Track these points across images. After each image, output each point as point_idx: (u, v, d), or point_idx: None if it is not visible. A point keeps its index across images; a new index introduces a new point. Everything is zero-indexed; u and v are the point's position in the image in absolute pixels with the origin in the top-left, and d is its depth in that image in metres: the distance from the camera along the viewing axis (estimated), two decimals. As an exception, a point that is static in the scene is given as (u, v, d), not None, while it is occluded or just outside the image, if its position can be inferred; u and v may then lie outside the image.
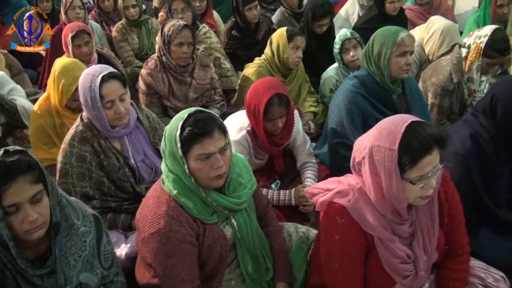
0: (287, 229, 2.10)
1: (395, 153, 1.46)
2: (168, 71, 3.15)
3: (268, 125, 2.39)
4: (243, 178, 1.84)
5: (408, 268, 1.65)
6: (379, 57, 2.54)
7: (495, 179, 2.17)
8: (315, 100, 3.55)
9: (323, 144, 2.82)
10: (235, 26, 4.18)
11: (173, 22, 3.08)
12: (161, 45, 3.09)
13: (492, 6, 4.08)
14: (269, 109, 2.34)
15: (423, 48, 3.64)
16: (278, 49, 3.22)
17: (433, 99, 2.98)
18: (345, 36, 3.31)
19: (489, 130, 2.13)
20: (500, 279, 1.84)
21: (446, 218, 1.72)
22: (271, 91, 2.34)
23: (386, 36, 2.53)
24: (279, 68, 3.29)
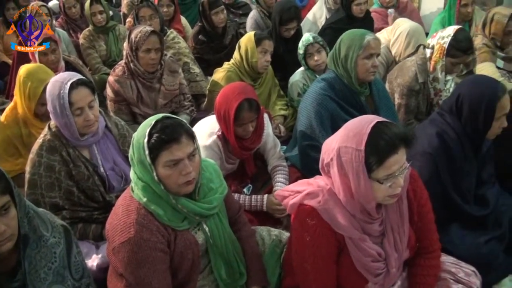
0: (259, 232, 2.10)
1: (362, 154, 1.48)
2: (136, 78, 3.12)
3: (239, 130, 2.39)
4: (214, 183, 1.84)
5: (380, 266, 1.67)
6: (346, 59, 2.58)
7: (463, 176, 2.22)
8: (285, 104, 3.57)
9: (294, 146, 2.85)
10: (202, 30, 4.18)
11: (140, 28, 3.06)
12: (129, 51, 3.06)
13: (457, 6, 4.18)
14: (239, 115, 2.34)
15: (390, 50, 3.70)
16: (246, 53, 3.23)
17: (400, 100, 3.03)
18: (308, 41, 3.35)
19: (456, 129, 2.18)
20: (471, 273, 1.88)
21: (416, 216, 1.75)
22: (240, 96, 2.34)
23: (353, 39, 2.58)
24: (248, 72, 3.29)
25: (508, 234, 2.30)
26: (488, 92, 2.10)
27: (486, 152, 2.33)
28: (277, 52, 3.54)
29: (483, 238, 2.20)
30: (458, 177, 2.20)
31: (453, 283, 1.84)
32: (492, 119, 2.10)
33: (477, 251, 2.15)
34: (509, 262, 2.26)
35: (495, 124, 2.13)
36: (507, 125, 2.17)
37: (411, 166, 1.65)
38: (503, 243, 2.27)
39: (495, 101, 2.08)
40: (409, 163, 1.57)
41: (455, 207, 2.22)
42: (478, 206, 2.28)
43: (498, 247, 2.23)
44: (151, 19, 3.84)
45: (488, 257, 2.16)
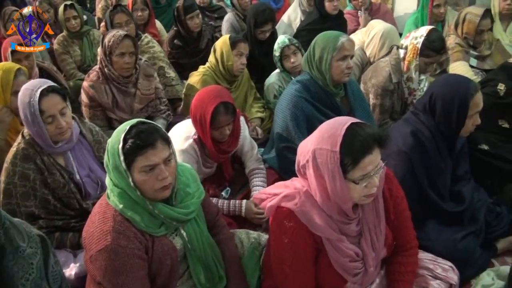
0: (238, 235, 2.09)
1: (337, 155, 1.49)
2: (111, 83, 3.08)
3: (215, 133, 2.39)
4: (190, 188, 1.82)
5: (358, 266, 1.68)
6: (321, 61, 2.60)
7: (438, 174, 2.25)
8: (261, 106, 3.57)
9: (271, 149, 2.85)
10: (177, 35, 4.15)
11: (114, 32, 3.03)
12: (103, 56, 3.03)
13: (429, 7, 4.23)
14: (216, 118, 2.34)
15: (365, 51, 3.72)
16: (222, 57, 3.22)
17: (375, 100, 3.05)
18: (284, 43, 3.36)
19: (430, 127, 2.21)
20: (449, 268, 1.91)
21: (392, 215, 1.77)
22: (216, 100, 2.33)
23: (327, 41, 2.59)
24: (224, 75, 3.28)
25: (484, 229, 2.35)
26: (460, 90, 2.13)
27: (461, 149, 2.36)
28: (252, 54, 3.55)
29: (460, 234, 2.24)
30: (433, 174, 2.23)
31: (431, 279, 1.86)
32: (465, 117, 2.14)
33: (454, 247, 2.18)
34: (486, 257, 2.31)
35: (469, 122, 2.16)
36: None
37: (386, 166, 1.67)
38: (480, 238, 2.31)
39: (468, 99, 2.11)
40: (384, 163, 1.59)
41: (431, 204, 2.25)
42: (454, 202, 2.31)
43: (474, 242, 2.27)
44: (127, 25, 3.80)
45: (465, 253, 2.19)
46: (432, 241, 2.15)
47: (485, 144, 2.64)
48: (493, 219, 2.42)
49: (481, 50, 3.76)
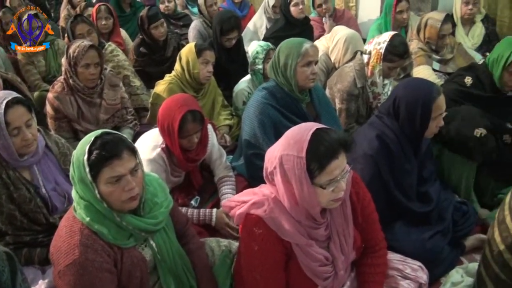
0: (209, 244, 2.08)
1: (303, 160, 1.50)
2: (76, 94, 3.03)
3: (184, 142, 2.38)
4: (158, 198, 1.81)
5: (328, 270, 1.70)
6: (286, 68, 2.61)
7: (404, 175, 2.28)
8: (229, 113, 3.57)
9: (240, 156, 2.85)
10: (143, 43, 4.12)
11: (78, 43, 2.98)
12: (67, 67, 2.98)
13: (392, 13, 4.31)
14: (184, 127, 2.33)
15: (329, 57, 3.76)
16: (188, 65, 3.21)
17: (340, 104, 3.09)
18: (268, 46, 3.41)
19: (394, 130, 2.25)
20: (418, 268, 1.94)
21: (360, 217, 1.79)
22: (183, 108, 2.32)
23: (291, 47, 2.61)
24: (191, 83, 3.27)
25: (451, 228, 2.40)
26: (423, 93, 2.18)
27: (426, 151, 2.41)
28: (219, 62, 3.54)
29: (428, 233, 2.28)
30: (400, 176, 2.27)
31: (401, 279, 1.89)
32: (429, 120, 2.18)
33: (422, 246, 2.22)
34: (455, 255, 2.36)
35: (432, 124, 2.20)
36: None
37: (353, 169, 1.69)
38: (447, 237, 2.36)
39: (431, 102, 2.15)
40: (350, 167, 1.61)
41: (398, 205, 2.28)
42: (421, 203, 2.36)
43: (442, 241, 2.31)
44: (88, 35, 3.73)
45: (433, 252, 2.24)
46: (400, 242, 2.18)
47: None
48: (460, 217, 2.47)
49: (443, 54, 3.84)
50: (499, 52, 2.71)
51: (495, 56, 2.73)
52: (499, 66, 2.68)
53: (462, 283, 2.11)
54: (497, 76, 2.70)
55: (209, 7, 4.85)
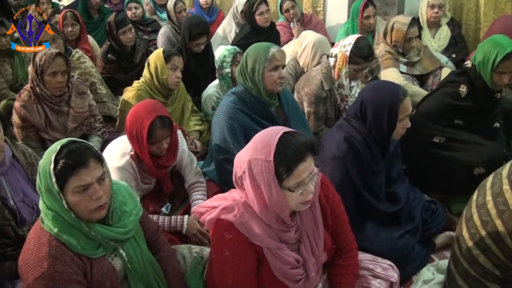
0: (180, 251, 2.07)
1: (271, 164, 1.51)
2: (43, 102, 2.98)
3: (153, 148, 2.36)
4: (127, 206, 1.79)
5: (299, 273, 1.70)
6: (253, 72, 2.63)
7: (373, 176, 2.31)
8: (199, 119, 3.56)
9: (211, 161, 2.85)
10: (111, 49, 4.07)
11: (45, 50, 2.94)
12: (34, 75, 2.93)
13: (359, 18, 4.35)
14: (153, 133, 2.31)
15: (298, 61, 3.79)
16: (156, 71, 3.19)
17: (309, 108, 3.11)
18: (235, 50, 3.41)
19: (362, 132, 2.27)
20: (388, 267, 1.97)
21: (330, 219, 1.80)
22: (152, 114, 2.31)
23: (258, 52, 2.63)
24: (159, 89, 3.25)
25: (421, 226, 2.44)
26: (389, 96, 2.21)
27: (394, 151, 2.45)
28: (188, 67, 3.55)
29: (398, 233, 2.32)
30: (368, 177, 2.29)
31: (372, 278, 1.91)
32: (396, 121, 2.21)
33: (392, 245, 2.25)
34: (426, 253, 2.40)
35: (399, 125, 2.24)
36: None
37: (322, 172, 1.70)
38: (417, 235, 2.40)
39: (397, 104, 2.19)
40: (318, 169, 1.62)
41: (368, 206, 2.31)
42: (390, 203, 2.39)
43: (412, 240, 2.35)
44: (54, 42, 3.68)
45: (403, 250, 2.27)
46: (370, 242, 2.21)
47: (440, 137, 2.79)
48: (429, 216, 2.52)
49: (410, 56, 3.90)
50: (485, 54, 2.71)
51: (481, 59, 2.73)
52: (487, 69, 2.70)
53: (433, 280, 2.16)
54: (488, 79, 2.72)
55: (178, 13, 4.84)
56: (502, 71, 2.66)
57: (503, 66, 2.65)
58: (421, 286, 2.15)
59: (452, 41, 4.49)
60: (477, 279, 1.71)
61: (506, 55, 2.62)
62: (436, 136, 2.80)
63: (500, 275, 1.63)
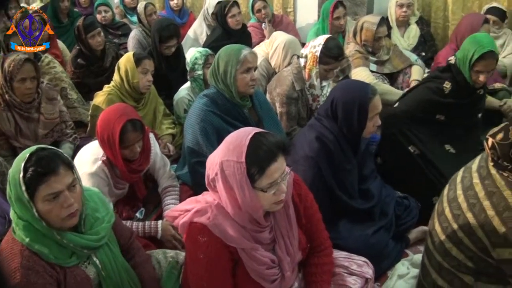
0: (155, 256, 2.05)
1: (243, 165, 1.51)
2: (12, 109, 2.94)
3: (126, 152, 2.34)
4: (99, 212, 1.76)
5: (274, 272, 1.71)
6: (225, 75, 2.62)
7: (345, 175, 2.34)
8: (171, 122, 3.55)
9: (184, 164, 2.82)
10: (80, 53, 4.02)
11: (13, 56, 2.89)
12: (3, 82, 2.88)
13: (330, 19, 4.39)
14: (125, 137, 2.29)
15: (269, 62, 3.81)
16: (126, 75, 3.16)
17: (281, 108, 3.13)
18: (207, 52, 3.39)
19: (333, 131, 2.30)
20: (363, 264, 1.99)
21: (304, 218, 1.81)
22: (123, 118, 2.28)
23: (230, 54, 2.62)
24: (130, 93, 3.22)
25: (394, 222, 2.48)
26: (359, 95, 2.24)
27: (365, 149, 2.48)
28: (159, 70, 3.53)
29: (371, 229, 2.34)
30: (341, 175, 2.32)
31: (347, 275, 1.93)
32: (366, 119, 2.24)
33: (367, 242, 2.28)
34: (400, 248, 2.45)
35: (369, 124, 2.27)
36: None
37: (295, 171, 1.71)
38: (391, 231, 2.44)
39: (367, 103, 2.22)
40: (290, 169, 1.63)
41: (341, 204, 2.33)
42: (363, 200, 2.42)
43: (386, 236, 2.39)
44: (22, 46, 3.63)
45: (377, 247, 2.30)
46: (345, 239, 2.24)
47: (414, 146, 2.81)
48: (402, 212, 2.55)
49: (380, 55, 3.94)
50: (464, 52, 2.75)
51: (461, 56, 2.77)
52: (465, 67, 2.74)
53: (408, 275, 2.19)
54: (467, 76, 2.76)
55: (149, 15, 4.83)
56: (479, 70, 2.70)
57: (480, 65, 2.68)
58: (396, 281, 2.18)
59: (421, 40, 4.58)
60: (450, 272, 1.74)
61: (482, 54, 2.65)
62: (412, 145, 2.82)
63: (473, 267, 1.67)
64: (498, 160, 1.62)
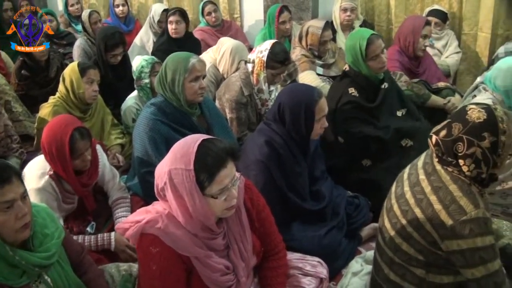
0: (108, 271, 2.00)
1: (192, 173, 1.50)
2: (-45, 125, 2.82)
3: (77, 162, 2.28)
4: (48, 229, 1.71)
5: (229, 279, 1.70)
6: (173, 83, 2.58)
7: (296, 177, 2.37)
8: (120, 132, 3.49)
9: (134, 175, 2.75)
10: (24, 65, 3.89)
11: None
12: None
13: (276, 23, 4.44)
14: (74, 146, 2.24)
15: (217, 68, 3.80)
16: (72, 85, 3.08)
17: (231, 114, 3.13)
18: (153, 60, 3.36)
19: (282, 135, 2.33)
20: (317, 264, 2.02)
21: (256, 223, 1.82)
22: (68, 128, 2.24)
23: (178, 62, 2.58)
24: (76, 104, 3.14)
25: (346, 221, 2.53)
26: (305, 98, 2.28)
27: (314, 151, 2.52)
28: (106, 80, 3.47)
29: (324, 229, 2.38)
30: (292, 178, 2.35)
31: (302, 277, 1.95)
32: (313, 122, 2.29)
33: (320, 242, 2.32)
34: (352, 246, 2.50)
35: (317, 126, 2.31)
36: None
37: (246, 176, 1.71)
38: (343, 230, 2.49)
39: (313, 105, 2.26)
40: (240, 174, 1.64)
41: (293, 206, 2.36)
42: (314, 201, 2.46)
43: (338, 235, 2.43)
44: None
45: (330, 246, 2.34)
46: (298, 241, 2.27)
47: (368, 159, 2.87)
48: (353, 211, 2.61)
49: (326, 59, 4.03)
50: (351, 52, 2.85)
51: (351, 57, 2.87)
52: (360, 63, 2.83)
53: (362, 272, 2.23)
54: (367, 71, 2.85)
55: (94, 24, 4.74)
56: (374, 55, 2.81)
57: (371, 51, 2.80)
58: (351, 279, 2.21)
59: (366, 43, 4.68)
60: (402, 266, 1.79)
61: (368, 40, 2.78)
62: (365, 159, 2.88)
63: (423, 260, 1.73)
64: (443, 156, 1.69)
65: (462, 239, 1.58)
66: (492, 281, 1.60)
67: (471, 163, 1.61)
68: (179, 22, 4.35)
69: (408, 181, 1.80)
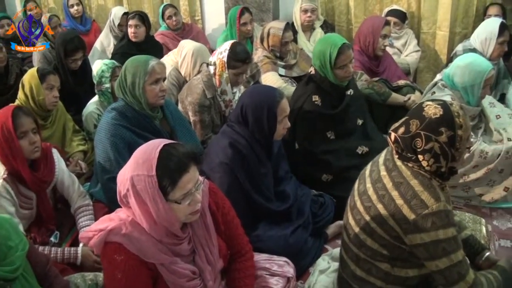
0: (73, 281, 1.96)
1: (154, 179, 1.49)
2: None
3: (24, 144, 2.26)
4: (12, 241, 1.65)
5: (196, 284, 1.69)
6: (134, 87, 2.55)
7: (260, 178, 2.39)
8: (82, 138, 3.42)
9: (97, 182, 2.71)
10: (-19, 72, 3.78)
11: None
12: None
13: (237, 25, 4.45)
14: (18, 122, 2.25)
15: (179, 71, 3.77)
16: (31, 92, 3.02)
17: (194, 117, 3.11)
18: (114, 64, 3.31)
19: (245, 136, 2.34)
20: (284, 263, 2.04)
21: (222, 226, 1.82)
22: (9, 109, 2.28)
23: (137, 66, 2.56)
24: (37, 111, 3.04)
25: (311, 220, 2.56)
26: (267, 99, 2.30)
27: (278, 152, 2.54)
28: (66, 85, 3.41)
29: (289, 229, 2.40)
30: (256, 180, 2.36)
31: (269, 277, 1.97)
32: (276, 122, 2.31)
33: (286, 242, 2.34)
34: (319, 244, 2.53)
35: (279, 126, 2.33)
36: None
37: (211, 178, 1.70)
38: (309, 229, 2.51)
39: (275, 106, 2.28)
40: (204, 178, 1.63)
41: (258, 207, 2.38)
42: (279, 201, 2.48)
43: (304, 234, 2.46)
44: None
45: (297, 245, 2.37)
46: (264, 242, 2.28)
47: (328, 174, 2.89)
48: (318, 209, 2.65)
49: (288, 59, 4.06)
50: (320, 57, 2.86)
51: (318, 62, 2.88)
52: (327, 69, 2.85)
53: (329, 269, 2.24)
54: (332, 78, 2.87)
55: (53, 28, 4.64)
56: (342, 64, 2.84)
57: (341, 60, 2.83)
58: (318, 276, 2.23)
59: (327, 43, 4.73)
60: (367, 261, 1.83)
61: (339, 50, 2.80)
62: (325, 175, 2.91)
63: (388, 254, 1.76)
64: (402, 152, 1.72)
65: (425, 232, 1.61)
66: (456, 271, 1.64)
67: (430, 158, 1.65)
68: (139, 26, 4.34)
69: (370, 178, 1.83)
